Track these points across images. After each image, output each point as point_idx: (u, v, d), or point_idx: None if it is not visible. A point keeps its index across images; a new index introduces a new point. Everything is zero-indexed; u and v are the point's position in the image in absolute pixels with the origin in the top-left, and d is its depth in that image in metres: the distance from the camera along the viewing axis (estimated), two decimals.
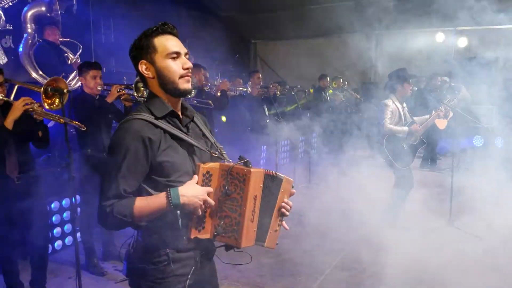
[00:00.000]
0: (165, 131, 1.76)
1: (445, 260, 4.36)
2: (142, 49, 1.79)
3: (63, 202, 4.66)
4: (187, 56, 1.84)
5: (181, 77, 1.79)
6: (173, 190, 1.70)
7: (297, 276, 4.11)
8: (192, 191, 1.71)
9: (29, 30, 6.07)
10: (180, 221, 1.73)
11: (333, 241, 4.98)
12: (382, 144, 5.24)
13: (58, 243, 4.62)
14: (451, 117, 5.39)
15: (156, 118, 1.77)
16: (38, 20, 6.17)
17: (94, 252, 4.31)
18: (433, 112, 5.36)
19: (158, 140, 1.73)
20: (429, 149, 8.54)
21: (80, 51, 6.40)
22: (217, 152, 1.91)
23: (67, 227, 4.71)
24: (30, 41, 6.07)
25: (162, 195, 1.71)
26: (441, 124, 5.65)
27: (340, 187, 7.05)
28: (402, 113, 5.29)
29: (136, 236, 1.85)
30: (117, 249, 4.54)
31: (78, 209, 4.38)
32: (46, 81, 3.27)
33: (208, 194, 1.75)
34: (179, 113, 1.87)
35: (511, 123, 7.14)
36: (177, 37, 1.84)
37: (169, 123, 1.80)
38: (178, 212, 1.71)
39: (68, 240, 4.72)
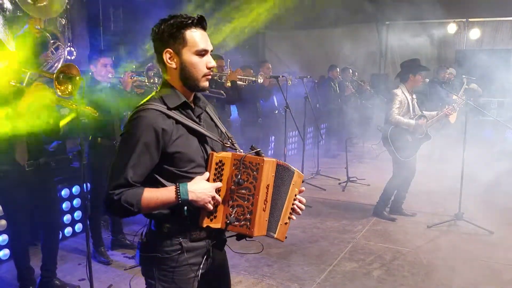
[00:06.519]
0: (177, 121, 1.76)
1: (453, 253, 4.36)
2: (170, 37, 1.74)
3: (74, 190, 4.69)
4: (211, 52, 1.83)
5: (204, 75, 1.80)
6: (182, 185, 1.71)
7: (304, 266, 4.12)
8: (200, 187, 1.72)
9: None
10: (185, 212, 1.75)
11: (341, 232, 4.99)
12: (387, 133, 5.20)
13: (68, 230, 4.66)
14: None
15: (169, 108, 1.76)
16: None
17: (102, 240, 4.33)
18: (445, 108, 5.32)
19: (170, 130, 1.73)
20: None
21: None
22: (228, 142, 1.92)
23: (77, 214, 4.74)
24: None
25: (171, 189, 1.72)
26: (452, 117, 5.61)
27: (349, 179, 7.05)
28: (411, 104, 5.22)
29: (149, 226, 1.86)
30: (126, 237, 4.58)
31: (88, 197, 4.41)
32: (58, 68, 3.25)
33: (217, 189, 1.76)
34: (192, 104, 1.87)
35: None
36: (206, 31, 1.82)
37: (182, 113, 1.80)
38: (185, 207, 1.74)
39: (78, 227, 4.76)
